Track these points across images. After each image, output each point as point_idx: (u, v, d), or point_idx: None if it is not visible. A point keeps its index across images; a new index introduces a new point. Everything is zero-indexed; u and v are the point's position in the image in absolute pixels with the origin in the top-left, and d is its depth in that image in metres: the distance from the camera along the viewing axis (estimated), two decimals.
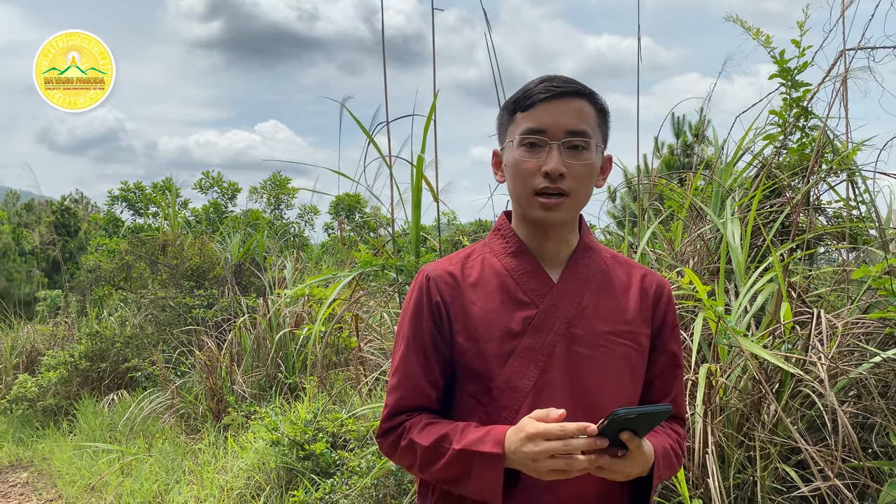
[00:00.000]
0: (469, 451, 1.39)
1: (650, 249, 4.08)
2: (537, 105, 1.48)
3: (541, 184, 1.47)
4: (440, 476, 1.46)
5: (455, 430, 1.44)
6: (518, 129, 1.50)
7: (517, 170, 1.50)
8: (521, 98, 1.51)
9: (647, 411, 1.26)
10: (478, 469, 1.38)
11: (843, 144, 4.04)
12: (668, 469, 1.49)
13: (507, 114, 1.55)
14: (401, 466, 1.67)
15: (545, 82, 1.49)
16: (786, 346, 2.97)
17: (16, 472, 6.87)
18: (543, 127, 1.47)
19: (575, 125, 1.47)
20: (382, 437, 1.54)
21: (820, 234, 4.02)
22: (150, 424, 6.67)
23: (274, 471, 4.60)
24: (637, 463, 1.34)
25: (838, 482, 2.54)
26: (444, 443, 1.42)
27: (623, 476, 1.35)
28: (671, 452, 1.51)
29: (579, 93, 1.49)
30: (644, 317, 1.56)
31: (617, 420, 1.25)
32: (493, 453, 1.37)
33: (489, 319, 1.50)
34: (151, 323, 8.20)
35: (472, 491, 1.42)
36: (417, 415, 1.51)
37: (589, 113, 1.50)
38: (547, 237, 1.54)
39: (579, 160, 1.48)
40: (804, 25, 3.89)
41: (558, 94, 1.47)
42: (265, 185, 22.85)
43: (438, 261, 1.61)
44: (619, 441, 1.30)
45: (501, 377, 1.47)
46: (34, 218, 20.13)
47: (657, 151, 13.09)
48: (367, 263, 4.35)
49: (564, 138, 1.47)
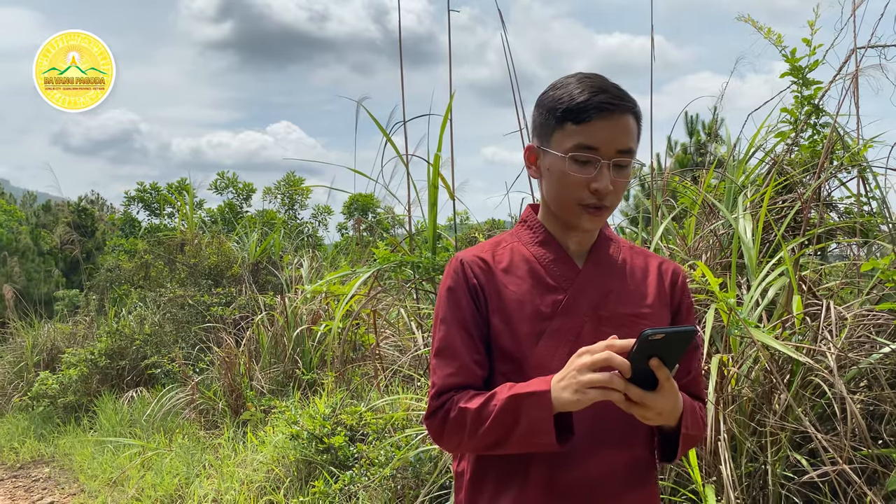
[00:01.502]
0: (516, 395, 1.42)
1: (664, 245, 4.14)
2: (592, 121, 1.48)
3: (588, 199, 1.51)
4: (490, 437, 1.46)
5: (502, 388, 1.48)
6: (569, 141, 1.51)
7: (563, 181, 1.53)
8: (573, 108, 1.50)
9: (673, 331, 1.32)
10: (527, 410, 1.41)
11: (854, 141, 4.09)
12: (695, 425, 1.53)
13: (553, 118, 1.54)
14: (448, 448, 1.69)
15: (599, 94, 1.49)
16: (796, 336, 3.02)
17: (38, 467, 7.01)
18: (596, 145, 1.49)
19: (625, 144, 1.51)
20: (431, 418, 1.55)
21: (831, 230, 4.07)
22: (170, 420, 6.77)
23: (293, 464, 4.68)
24: (668, 397, 1.38)
25: (847, 468, 2.60)
26: (492, 400, 1.46)
27: (655, 413, 1.38)
28: (697, 410, 1.56)
29: (630, 110, 1.52)
30: (663, 301, 1.63)
31: (644, 342, 1.30)
32: (540, 390, 1.40)
33: (521, 301, 1.56)
34: (170, 321, 8.30)
35: (524, 437, 1.42)
36: (464, 390, 1.53)
37: (634, 128, 1.54)
38: (573, 233, 1.61)
39: (623, 176, 1.53)
40: (815, 24, 3.95)
41: (613, 112, 1.49)
42: (279, 185, 23.00)
43: (469, 248, 1.67)
44: (649, 378, 1.35)
45: (533, 357, 1.53)
46: (52, 219, 20.37)
47: (670, 150, 13.11)
48: (385, 260, 4.44)
49: (615, 157, 1.50)
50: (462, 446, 1.54)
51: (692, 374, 1.65)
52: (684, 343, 1.35)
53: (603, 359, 1.34)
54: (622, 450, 1.54)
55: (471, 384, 1.54)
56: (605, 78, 1.56)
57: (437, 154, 4.73)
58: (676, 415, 1.46)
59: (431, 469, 3.74)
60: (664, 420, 1.43)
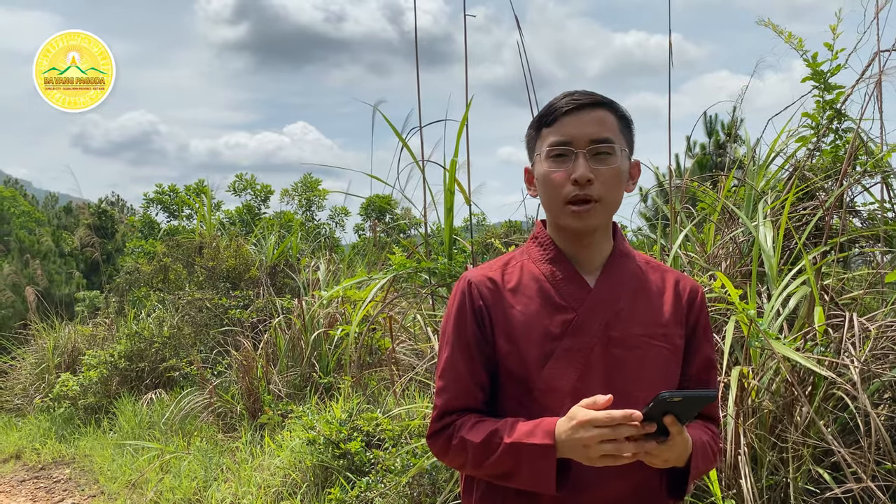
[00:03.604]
0: (520, 444, 1.44)
1: (682, 252, 4.10)
2: (560, 119, 1.55)
3: (571, 192, 1.53)
4: (492, 471, 1.50)
5: (505, 425, 1.49)
6: (544, 144, 1.57)
7: (547, 182, 1.56)
8: (545, 114, 1.58)
9: (690, 395, 1.31)
10: (529, 460, 1.43)
11: (878, 146, 4.02)
12: (705, 462, 1.53)
13: (533, 130, 1.63)
14: (451, 466, 1.73)
15: (566, 97, 1.57)
16: (818, 348, 2.98)
17: (59, 469, 7.07)
18: (568, 138, 1.54)
19: (598, 133, 1.54)
20: (433, 439, 1.59)
21: (854, 237, 4.01)
22: (188, 423, 6.81)
23: (310, 469, 4.69)
24: (678, 449, 1.39)
25: (871, 484, 2.55)
26: (494, 438, 1.47)
27: (662, 462, 1.40)
28: (708, 447, 1.55)
29: (599, 103, 1.56)
30: (678, 319, 1.61)
31: (661, 403, 1.29)
32: (545, 444, 1.42)
33: (528, 323, 1.55)
34: (189, 323, 8.35)
35: (525, 482, 1.46)
36: (466, 415, 1.56)
37: (611, 121, 1.56)
38: (581, 245, 1.59)
39: (606, 165, 1.54)
40: (837, 28, 3.88)
41: (579, 106, 1.55)
42: (296, 187, 23.09)
43: (479, 267, 1.67)
44: (661, 427, 1.34)
45: (541, 379, 1.52)
46: (73, 220, 20.58)
47: (689, 151, 12.98)
48: (401, 266, 4.43)
49: (589, 146, 1.53)
50: (465, 470, 1.60)
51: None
52: (701, 404, 1.35)
53: (612, 435, 1.34)
54: (632, 475, 1.52)
55: (472, 407, 1.57)
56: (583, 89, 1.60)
57: (453, 159, 4.71)
58: (686, 458, 1.45)
59: (448, 477, 3.73)
60: (671, 464, 1.44)
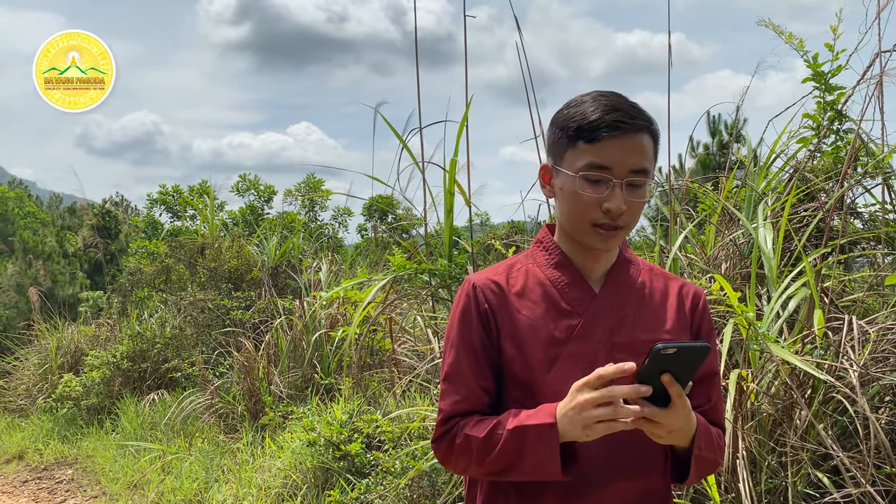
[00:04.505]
0: (523, 427, 1.41)
1: (682, 254, 4.08)
2: (603, 140, 1.46)
3: (600, 218, 1.48)
4: (496, 465, 1.46)
5: (507, 415, 1.47)
6: (580, 161, 1.48)
7: (575, 200, 1.50)
8: (585, 127, 1.47)
9: (686, 346, 1.28)
10: (532, 443, 1.40)
11: (879, 147, 4.01)
12: (709, 447, 1.49)
13: (565, 137, 1.52)
14: (455, 471, 1.70)
15: (611, 113, 1.47)
16: (817, 352, 2.97)
17: (61, 469, 7.09)
18: (608, 165, 1.46)
19: (638, 164, 1.48)
20: (438, 442, 1.56)
21: (855, 239, 3.99)
22: (190, 424, 6.82)
23: (310, 470, 4.70)
24: (680, 415, 1.35)
25: (871, 488, 2.54)
26: (497, 429, 1.45)
27: (666, 431, 1.35)
28: (713, 434, 1.52)
29: (644, 128, 1.49)
30: (682, 325, 1.60)
31: (655, 356, 1.27)
32: (546, 423, 1.39)
33: (534, 327, 1.54)
34: (191, 324, 8.36)
35: (530, 468, 1.42)
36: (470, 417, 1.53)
37: (649, 147, 1.50)
38: (591, 255, 1.58)
39: (637, 196, 1.49)
40: (837, 29, 3.87)
41: (626, 131, 1.46)
42: (299, 187, 23.07)
43: (483, 270, 1.66)
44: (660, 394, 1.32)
45: (546, 384, 1.51)
46: (77, 221, 20.61)
47: (692, 151, 12.97)
48: (401, 267, 4.43)
49: (627, 177, 1.47)
50: (469, 471, 1.56)
51: (712, 401, 1.61)
52: (698, 359, 1.32)
53: (605, 397, 1.32)
54: (637, 479, 1.52)
55: (477, 410, 1.55)
56: (621, 96, 1.53)
57: (453, 160, 4.71)
58: (689, 434, 1.43)
59: (447, 480, 3.72)
60: (676, 439, 1.41)
